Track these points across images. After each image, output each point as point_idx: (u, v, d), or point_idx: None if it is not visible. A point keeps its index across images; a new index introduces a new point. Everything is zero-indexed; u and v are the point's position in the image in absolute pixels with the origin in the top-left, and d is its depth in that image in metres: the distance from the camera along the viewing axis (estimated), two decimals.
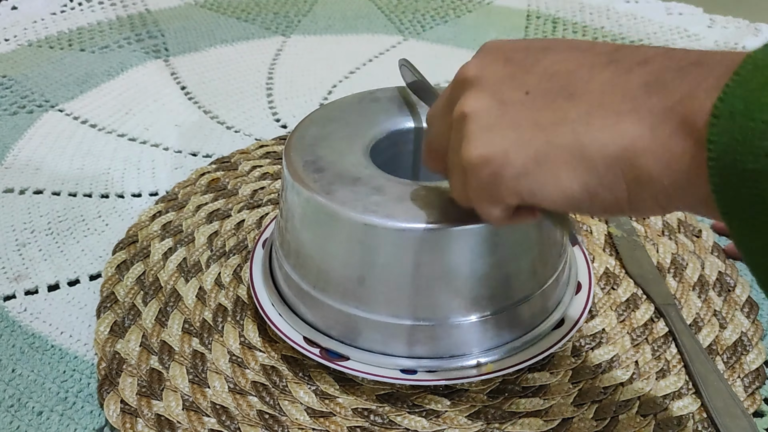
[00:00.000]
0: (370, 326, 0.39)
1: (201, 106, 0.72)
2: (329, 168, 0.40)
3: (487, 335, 0.39)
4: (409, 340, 0.39)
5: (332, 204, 0.37)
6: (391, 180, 0.39)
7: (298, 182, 0.39)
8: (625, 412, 0.39)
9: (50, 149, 0.64)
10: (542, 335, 0.41)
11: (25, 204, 0.57)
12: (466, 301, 0.38)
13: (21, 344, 0.45)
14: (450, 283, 0.37)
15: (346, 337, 0.40)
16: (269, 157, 0.62)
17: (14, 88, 0.74)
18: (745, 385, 0.41)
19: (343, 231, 0.38)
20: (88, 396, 0.41)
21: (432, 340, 0.39)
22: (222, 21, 0.91)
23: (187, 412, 0.39)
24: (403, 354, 0.39)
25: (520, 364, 0.39)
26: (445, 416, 0.39)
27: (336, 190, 0.38)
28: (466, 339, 0.39)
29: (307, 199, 0.38)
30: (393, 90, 0.47)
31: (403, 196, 0.38)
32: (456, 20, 0.93)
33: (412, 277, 0.37)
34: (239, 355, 0.42)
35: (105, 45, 0.84)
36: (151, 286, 0.47)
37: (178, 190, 0.57)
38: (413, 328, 0.39)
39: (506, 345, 0.40)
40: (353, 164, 0.40)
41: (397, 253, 0.37)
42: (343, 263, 0.39)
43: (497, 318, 0.39)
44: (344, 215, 0.37)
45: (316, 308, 0.41)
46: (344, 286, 0.39)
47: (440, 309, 0.38)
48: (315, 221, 0.39)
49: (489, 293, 0.38)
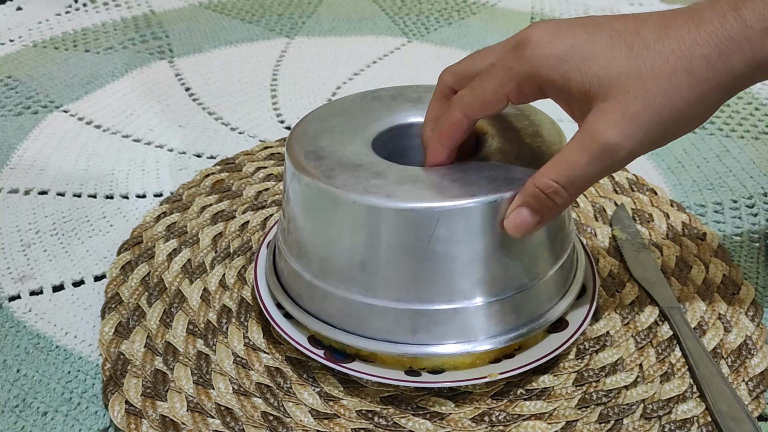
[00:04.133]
0: (374, 313, 0.39)
1: (205, 108, 0.73)
2: (330, 156, 0.40)
3: (492, 320, 0.39)
4: (413, 326, 0.39)
5: (333, 188, 0.37)
6: (391, 165, 0.39)
7: (300, 170, 0.39)
8: (629, 416, 0.39)
9: (55, 150, 0.65)
10: (548, 322, 0.41)
11: (30, 204, 0.57)
12: (471, 283, 0.38)
13: (26, 344, 0.45)
14: (453, 264, 0.37)
15: (349, 326, 0.40)
16: (273, 158, 0.62)
17: (19, 88, 0.74)
18: (750, 388, 0.41)
19: (344, 215, 0.37)
20: (92, 397, 0.41)
21: (436, 326, 0.39)
22: (226, 22, 0.91)
23: (191, 413, 0.39)
24: (407, 341, 0.39)
25: (524, 367, 0.39)
26: (450, 418, 0.39)
27: (337, 174, 0.38)
28: (471, 324, 0.39)
29: (308, 185, 0.38)
30: (396, 89, 0.47)
31: (403, 178, 0.38)
32: (460, 22, 0.93)
33: (415, 260, 0.37)
34: (243, 356, 0.43)
35: (109, 46, 0.84)
36: (156, 287, 0.47)
37: (182, 191, 0.58)
38: (417, 312, 0.38)
39: (513, 332, 0.40)
40: (354, 153, 0.40)
41: (399, 235, 0.37)
42: (345, 249, 0.39)
43: (502, 303, 0.39)
44: (345, 198, 0.37)
45: (320, 298, 0.40)
46: (347, 273, 0.39)
47: (444, 292, 0.38)
48: (316, 207, 0.39)
49: (493, 276, 0.38)
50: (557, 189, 0.35)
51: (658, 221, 0.54)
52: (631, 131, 0.33)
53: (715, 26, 0.32)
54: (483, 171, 0.38)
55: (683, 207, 0.56)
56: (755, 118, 0.70)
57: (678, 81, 0.33)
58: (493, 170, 0.38)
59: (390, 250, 0.37)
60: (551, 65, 0.34)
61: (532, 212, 0.36)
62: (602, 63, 0.33)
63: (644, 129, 0.33)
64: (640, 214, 0.55)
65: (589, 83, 0.34)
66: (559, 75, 0.34)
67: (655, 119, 0.33)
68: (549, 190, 0.35)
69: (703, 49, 0.32)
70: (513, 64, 0.35)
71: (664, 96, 0.33)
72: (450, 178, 0.38)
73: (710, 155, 0.64)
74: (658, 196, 0.57)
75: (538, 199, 0.35)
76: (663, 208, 0.55)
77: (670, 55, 0.33)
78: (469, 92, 0.37)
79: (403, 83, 0.47)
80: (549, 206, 0.35)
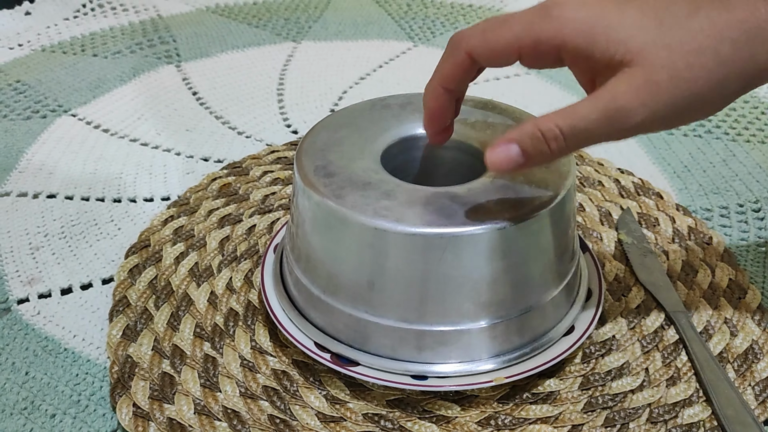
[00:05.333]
0: (379, 331, 0.39)
1: (212, 112, 0.73)
2: (340, 173, 0.40)
3: (497, 341, 0.40)
4: (418, 345, 0.39)
5: (342, 208, 0.37)
6: (401, 185, 0.39)
7: (309, 187, 0.39)
8: (635, 420, 0.39)
9: (63, 154, 0.65)
10: (552, 341, 0.41)
11: (39, 208, 0.58)
12: (477, 306, 0.38)
13: (34, 347, 0.45)
14: (460, 288, 0.38)
15: (355, 342, 0.40)
16: (280, 162, 0.62)
17: (28, 93, 0.75)
18: (756, 393, 0.41)
19: (353, 235, 0.38)
20: (100, 399, 0.42)
21: (441, 346, 0.39)
22: (233, 27, 0.92)
23: (198, 416, 0.39)
24: (412, 359, 0.40)
25: (530, 371, 0.39)
26: (456, 422, 0.39)
27: (346, 194, 0.38)
28: (476, 345, 0.39)
29: (317, 203, 0.39)
30: (404, 97, 0.47)
31: (413, 200, 0.38)
32: (466, 26, 0.93)
33: (422, 282, 0.37)
34: (250, 359, 0.43)
35: (117, 50, 0.85)
36: (163, 290, 0.48)
37: (189, 194, 0.58)
38: (423, 333, 0.39)
39: (516, 351, 0.40)
40: (364, 169, 0.40)
41: (406, 258, 0.37)
42: (352, 267, 0.39)
43: (507, 324, 0.39)
44: (354, 219, 0.37)
45: (326, 313, 0.41)
46: (354, 291, 0.39)
47: (450, 314, 0.38)
48: (325, 225, 0.39)
49: (499, 299, 0.38)
50: (557, 135, 0.34)
51: (664, 225, 0.54)
52: (650, 100, 0.33)
53: (745, 13, 0.32)
54: (491, 194, 0.38)
55: (689, 211, 0.56)
56: (761, 122, 0.70)
57: (705, 59, 0.32)
58: (502, 192, 0.38)
59: (397, 272, 0.37)
60: (577, 29, 0.33)
61: (522, 152, 0.34)
62: (631, 31, 0.33)
63: (663, 101, 0.33)
64: (646, 219, 0.55)
65: (615, 49, 0.33)
66: (583, 39, 0.33)
67: (677, 93, 0.33)
68: (549, 134, 0.34)
69: (732, 32, 0.32)
70: (536, 20, 0.34)
71: (690, 70, 0.32)
72: (460, 201, 0.38)
73: (716, 159, 0.64)
74: (664, 200, 0.57)
75: (534, 140, 0.34)
76: (669, 213, 0.55)
77: (699, 33, 0.33)
78: (480, 35, 0.36)
79: (409, 87, 0.47)
80: (542, 150, 0.34)
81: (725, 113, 0.71)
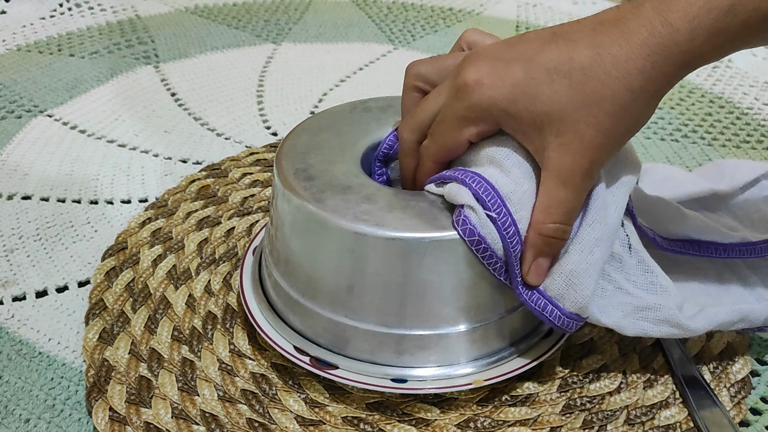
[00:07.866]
0: (359, 335, 0.39)
1: (191, 113, 0.72)
2: (320, 176, 0.40)
3: (476, 345, 0.40)
4: (397, 349, 0.39)
5: (322, 212, 0.37)
6: (381, 189, 0.39)
7: (289, 190, 0.39)
8: (612, 422, 0.39)
9: (39, 155, 0.64)
10: (531, 345, 0.41)
11: (14, 209, 0.57)
12: (456, 310, 0.38)
13: (8, 351, 0.44)
14: (439, 292, 0.38)
15: (334, 346, 0.40)
16: (259, 164, 0.62)
17: (2, 92, 0.74)
18: (732, 394, 0.41)
19: (332, 239, 0.38)
20: (76, 403, 0.41)
21: (421, 349, 0.39)
22: (213, 28, 0.91)
23: (176, 420, 0.39)
24: (391, 363, 0.39)
25: (509, 373, 0.40)
26: (435, 425, 0.39)
27: (326, 198, 0.38)
28: (455, 348, 0.39)
29: (297, 207, 0.38)
30: (385, 100, 0.47)
31: (393, 204, 0.38)
32: (446, 30, 0.93)
33: (401, 286, 0.37)
34: (229, 362, 0.42)
35: (95, 50, 0.84)
36: (141, 293, 0.47)
37: (167, 196, 0.57)
38: (402, 337, 0.39)
39: (495, 354, 0.40)
40: (344, 173, 0.40)
41: (386, 262, 0.37)
42: (332, 271, 0.39)
43: (486, 327, 0.39)
44: (334, 223, 0.37)
45: (305, 316, 0.41)
46: (333, 295, 0.39)
47: (429, 318, 0.38)
48: (305, 229, 0.39)
49: (478, 303, 0.38)
50: (564, 228, 0.36)
51: None
52: (594, 154, 0.35)
53: (644, 36, 0.33)
54: None
55: None
56: (737, 127, 0.71)
57: (621, 100, 0.34)
58: None
59: (377, 277, 0.37)
60: (501, 108, 0.36)
61: (546, 256, 0.37)
62: (547, 100, 0.35)
63: (605, 148, 0.35)
64: None
65: (540, 121, 0.35)
66: (509, 116, 0.36)
67: (609, 139, 0.35)
68: (558, 233, 0.36)
69: (637, 63, 0.34)
70: (463, 113, 0.37)
71: (612, 118, 0.34)
72: (439, 206, 0.38)
73: (693, 164, 0.65)
74: None
75: (550, 245, 0.37)
76: None
77: (607, 77, 0.34)
78: (432, 142, 0.39)
79: (390, 90, 0.47)
80: (559, 245, 0.37)
81: (701, 118, 0.72)
